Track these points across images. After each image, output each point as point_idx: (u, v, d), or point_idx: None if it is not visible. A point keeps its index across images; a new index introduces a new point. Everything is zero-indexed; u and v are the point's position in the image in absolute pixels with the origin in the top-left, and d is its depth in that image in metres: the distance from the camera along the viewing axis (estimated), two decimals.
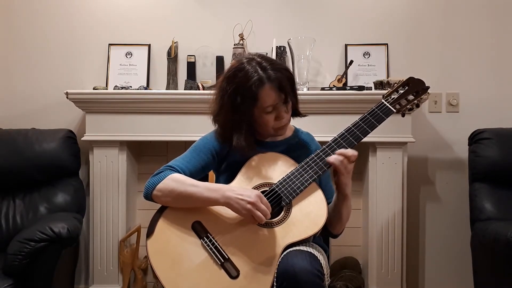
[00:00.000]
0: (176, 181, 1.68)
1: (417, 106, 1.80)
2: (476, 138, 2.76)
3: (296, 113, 1.85)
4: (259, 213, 1.58)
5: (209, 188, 1.67)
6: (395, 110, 1.75)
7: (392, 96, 1.77)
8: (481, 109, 3.00)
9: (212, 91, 1.86)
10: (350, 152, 1.67)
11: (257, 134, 1.79)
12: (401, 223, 2.80)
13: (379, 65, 2.99)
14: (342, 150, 1.68)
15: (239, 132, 1.74)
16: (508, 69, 3.01)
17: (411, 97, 1.77)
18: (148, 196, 1.72)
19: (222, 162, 1.84)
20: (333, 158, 1.66)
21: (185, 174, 1.74)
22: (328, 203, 1.79)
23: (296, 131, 1.94)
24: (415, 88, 1.77)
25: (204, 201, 1.66)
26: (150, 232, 1.67)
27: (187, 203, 1.68)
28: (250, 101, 1.69)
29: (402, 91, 1.77)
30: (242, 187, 1.70)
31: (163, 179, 1.69)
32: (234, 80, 1.72)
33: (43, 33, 3.11)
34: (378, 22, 3.04)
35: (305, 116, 1.88)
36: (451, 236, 3.03)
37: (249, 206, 1.58)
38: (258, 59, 1.73)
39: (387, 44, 3.01)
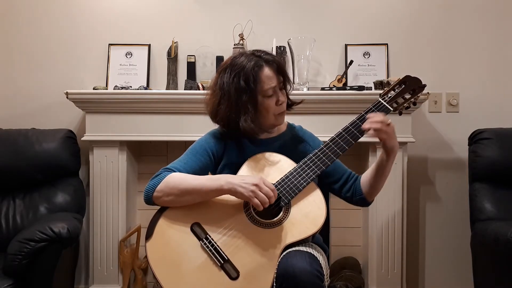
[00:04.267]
0: (177, 179, 1.69)
1: (414, 104, 1.80)
2: (476, 138, 2.76)
3: (288, 104, 1.88)
4: (263, 195, 1.59)
5: (211, 178, 1.69)
6: (392, 109, 1.76)
7: (389, 95, 1.77)
8: (481, 109, 3.00)
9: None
10: (379, 118, 1.66)
11: (258, 126, 1.79)
12: (401, 223, 2.80)
13: (379, 65, 2.99)
14: (372, 117, 1.67)
15: (245, 114, 1.75)
16: (508, 69, 3.01)
17: (408, 95, 1.77)
18: (149, 198, 1.72)
19: (219, 162, 1.85)
20: (369, 127, 1.66)
21: None
22: (347, 175, 1.86)
23: (290, 125, 1.97)
24: (411, 86, 1.78)
25: (208, 191, 1.67)
26: (149, 234, 1.68)
27: (191, 198, 1.69)
28: (253, 82, 1.73)
29: (398, 90, 1.77)
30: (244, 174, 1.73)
31: (162, 180, 1.70)
32: (233, 68, 1.76)
33: (43, 33, 3.11)
34: (378, 22, 3.04)
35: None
36: (451, 236, 3.03)
37: (253, 187, 1.60)
38: (250, 51, 1.81)
39: (387, 44, 3.01)
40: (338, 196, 1.92)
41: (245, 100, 1.74)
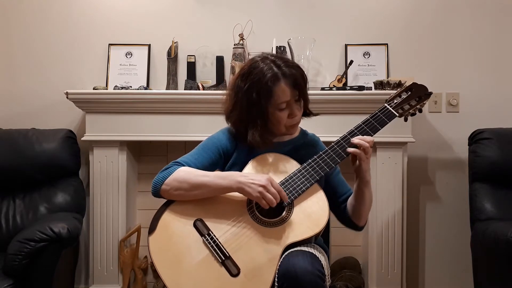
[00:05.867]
0: (187, 173, 1.70)
1: (420, 111, 1.82)
2: (476, 138, 2.76)
3: (306, 113, 1.86)
4: (270, 196, 1.60)
5: (220, 176, 1.69)
6: (398, 115, 1.78)
7: (395, 101, 1.79)
8: (481, 109, 3.00)
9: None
10: (369, 138, 1.70)
11: (268, 132, 1.79)
12: (401, 223, 2.80)
13: (379, 65, 2.99)
14: (362, 137, 1.70)
15: (254, 128, 1.75)
16: (508, 69, 3.01)
17: (413, 102, 1.79)
18: (157, 191, 1.72)
19: (229, 160, 1.85)
20: (357, 141, 1.68)
21: None
22: (347, 195, 1.86)
23: (303, 132, 1.95)
24: (418, 93, 1.79)
25: (216, 189, 1.68)
26: (152, 229, 1.68)
27: (199, 193, 1.69)
28: (265, 97, 1.71)
29: (405, 96, 1.79)
30: (253, 172, 1.72)
31: (172, 173, 1.70)
32: (249, 77, 1.74)
33: (43, 33, 3.11)
34: (378, 22, 3.04)
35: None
36: (451, 236, 3.03)
37: (260, 189, 1.61)
38: (272, 58, 1.77)
39: (387, 44, 3.01)
40: (336, 215, 1.92)
41: (255, 113, 1.74)
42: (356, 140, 1.69)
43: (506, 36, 3.02)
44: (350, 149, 1.69)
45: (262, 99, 1.71)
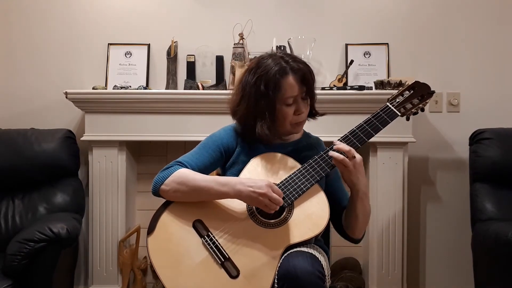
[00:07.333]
0: (186, 176, 1.68)
1: (422, 110, 1.79)
2: (477, 138, 2.75)
3: (312, 113, 1.84)
4: (271, 203, 1.58)
5: (219, 181, 1.67)
6: (400, 114, 1.74)
7: (397, 100, 1.76)
8: (482, 109, 2.99)
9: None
10: (347, 147, 1.64)
11: (273, 133, 1.77)
12: (401, 223, 2.79)
13: (380, 64, 2.98)
14: (338, 145, 1.65)
15: (262, 120, 1.73)
16: (509, 69, 3.01)
17: (416, 101, 1.76)
18: (156, 191, 1.71)
19: (229, 158, 1.83)
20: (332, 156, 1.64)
21: (193, 170, 1.73)
22: (344, 206, 1.81)
23: (306, 134, 1.94)
24: (420, 92, 1.76)
25: (214, 194, 1.66)
26: (151, 229, 1.67)
27: (197, 197, 1.68)
28: (273, 89, 1.69)
29: (407, 95, 1.76)
30: (252, 178, 1.69)
31: (171, 174, 1.69)
32: (257, 71, 1.73)
33: (42, 32, 3.10)
34: (379, 22, 3.03)
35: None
36: (452, 236, 3.02)
37: (261, 198, 1.59)
38: (280, 54, 1.77)
39: (387, 43, 3.00)
40: (333, 225, 1.88)
41: (263, 105, 1.72)
42: (330, 153, 1.65)
43: (507, 35, 3.01)
44: (333, 154, 1.64)
45: (270, 91, 1.69)
